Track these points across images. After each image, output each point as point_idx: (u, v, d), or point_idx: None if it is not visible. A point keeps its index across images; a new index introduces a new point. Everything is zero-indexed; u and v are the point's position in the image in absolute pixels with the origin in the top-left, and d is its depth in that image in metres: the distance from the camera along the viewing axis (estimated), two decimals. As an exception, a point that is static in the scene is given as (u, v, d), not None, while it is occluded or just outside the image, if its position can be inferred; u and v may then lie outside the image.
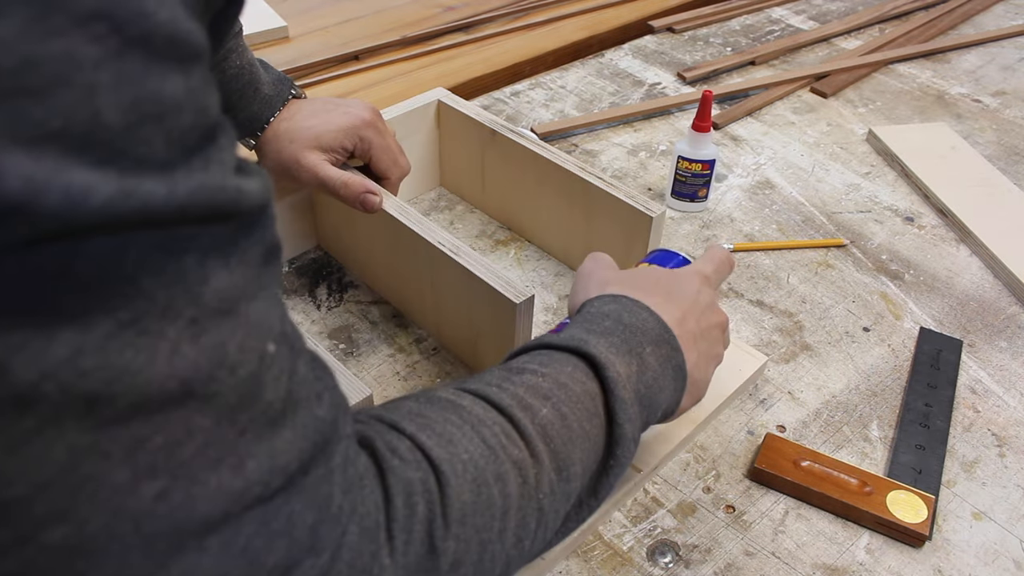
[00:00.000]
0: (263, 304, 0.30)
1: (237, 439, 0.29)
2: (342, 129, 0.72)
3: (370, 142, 0.73)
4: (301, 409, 0.32)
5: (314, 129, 0.71)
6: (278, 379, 0.30)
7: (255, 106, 0.72)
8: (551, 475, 0.41)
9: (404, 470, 0.36)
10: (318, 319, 0.76)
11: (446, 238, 0.67)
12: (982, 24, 1.29)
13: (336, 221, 0.79)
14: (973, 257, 0.85)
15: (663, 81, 1.14)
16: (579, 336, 0.47)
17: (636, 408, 0.46)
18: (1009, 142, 1.02)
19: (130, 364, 0.26)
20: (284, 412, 0.31)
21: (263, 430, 0.30)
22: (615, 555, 0.58)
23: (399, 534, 0.34)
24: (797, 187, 0.94)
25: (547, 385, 0.43)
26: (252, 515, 0.30)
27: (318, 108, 0.73)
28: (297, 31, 1.26)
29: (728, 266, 0.61)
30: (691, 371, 0.51)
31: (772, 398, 0.70)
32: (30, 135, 0.23)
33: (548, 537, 0.43)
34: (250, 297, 0.29)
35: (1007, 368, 0.73)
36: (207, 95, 0.28)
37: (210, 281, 0.27)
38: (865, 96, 1.11)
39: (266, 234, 0.31)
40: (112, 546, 0.27)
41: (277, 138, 0.72)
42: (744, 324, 0.77)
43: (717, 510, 0.61)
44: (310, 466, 0.32)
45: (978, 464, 0.65)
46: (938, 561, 0.59)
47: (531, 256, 0.83)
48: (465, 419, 0.39)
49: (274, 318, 0.31)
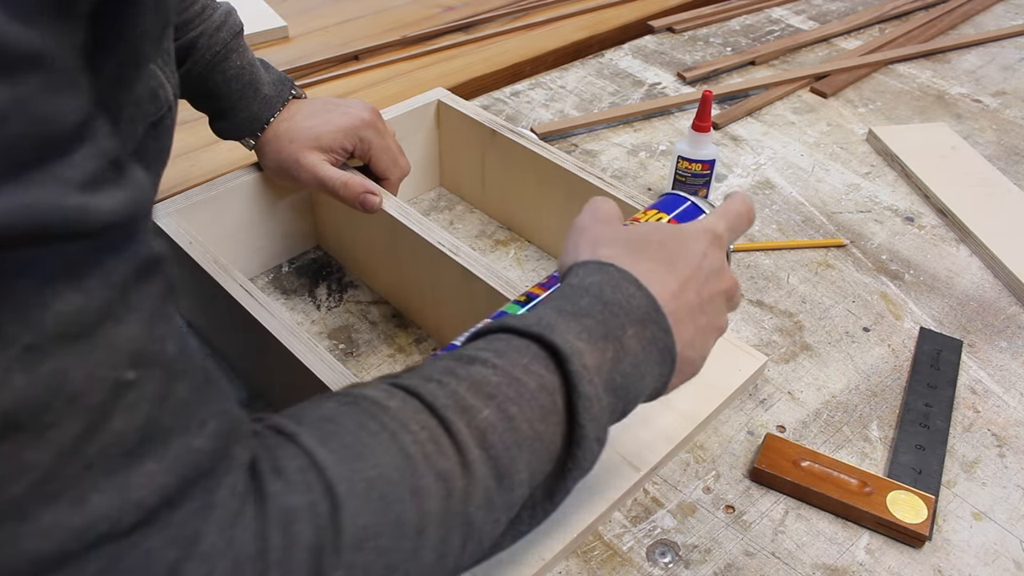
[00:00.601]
0: (131, 327, 0.28)
1: (82, 472, 0.27)
2: (342, 129, 0.71)
3: (370, 142, 0.73)
4: (174, 439, 0.30)
5: (314, 129, 0.71)
6: (134, 407, 0.28)
7: (255, 106, 0.72)
8: (487, 484, 0.38)
9: (287, 495, 0.33)
10: (318, 319, 0.76)
11: (446, 238, 0.67)
12: (982, 24, 1.29)
13: (336, 221, 0.79)
14: (973, 257, 0.85)
15: (663, 81, 1.14)
16: (547, 319, 0.43)
17: (606, 402, 0.42)
18: (1009, 142, 1.02)
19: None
20: (145, 442, 0.29)
21: (115, 463, 0.28)
22: (615, 555, 0.58)
23: (274, 568, 0.31)
24: (797, 187, 0.94)
25: (496, 380, 0.39)
26: (98, 553, 0.27)
27: (318, 108, 0.73)
28: (297, 31, 1.26)
29: (747, 220, 0.54)
30: (683, 350, 0.47)
31: (772, 398, 0.70)
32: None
33: (484, 548, 0.40)
34: (114, 319, 0.27)
35: (1007, 368, 0.73)
36: (49, 103, 0.25)
37: (53, 305, 0.26)
38: (865, 96, 1.11)
39: (140, 249, 0.29)
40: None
41: (277, 138, 0.72)
42: (744, 324, 0.76)
43: (717, 510, 0.61)
44: (179, 500, 0.29)
45: (978, 464, 0.65)
46: (938, 561, 0.59)
47: (531, 256, 0.83)
48: (385, 425, 0.36)
49: (144, 340, 0.29)
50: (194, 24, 0.68)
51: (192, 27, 0.68)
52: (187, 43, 0.68)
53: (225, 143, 1.02)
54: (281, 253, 0.82)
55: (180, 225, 0.69)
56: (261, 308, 0.61)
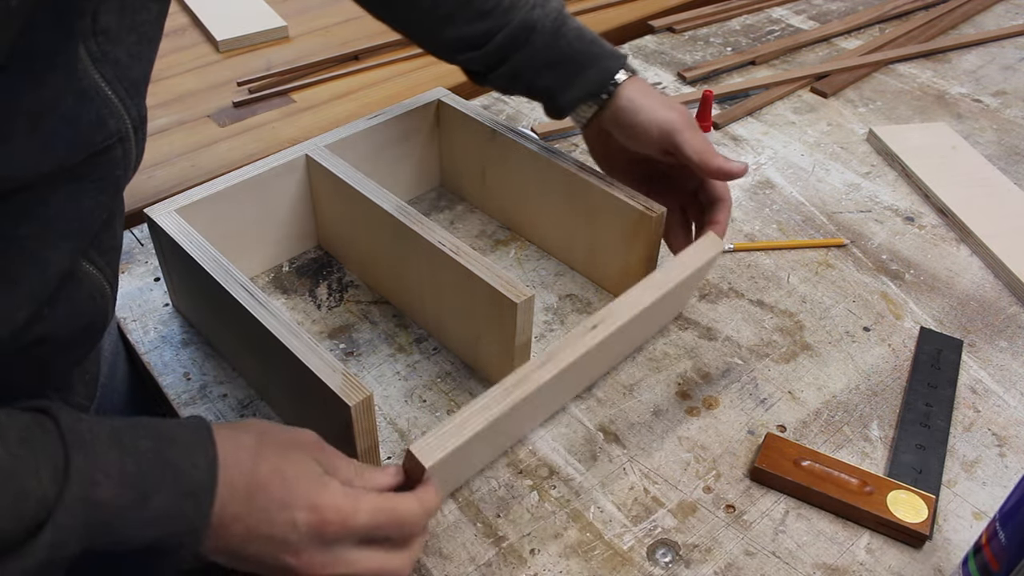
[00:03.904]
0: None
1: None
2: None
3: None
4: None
5: (667, 101, 0.70)
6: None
7: (604, 61, 0.70)
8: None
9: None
10: (318, 319, 0.76)
11: (446, 238, 0.67)
12: (982, 24, 1.29)
13: (336, 221, 0.79)
14: (973, 257, 0.85)
15: (663, 81, 1.13)
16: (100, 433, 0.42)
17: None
18: (1009, 142, 1.02)
19: None
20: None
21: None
22: (615, 555, 0.58)
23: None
24: (797, 187, 0.94)
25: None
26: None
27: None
28: (297, 31, 1.26)
29: (395, 525, 0.49)
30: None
31: (772, 398, 0.70)
32: None
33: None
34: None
35: (1007, 368, 0.73)
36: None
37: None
38: (865, 96, 1.11)
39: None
40: None
41: (647, 95, 0.70)
42: (744, 324, 0.77)
43: (717, 510, 0.61)
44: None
45: (978, 464, 0.65)
46: (938, 561, 0.59)
47: (531, 256, 0.83)
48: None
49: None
50: (520, 4, 0.68)
51: (520, 7, 0.68)
52: (524, 19, 0.68)
53: (225, 143, 1.02)
54: (281, 253, 0.82)
55: (180, 225, 0.69)
56: (261, 308, 0.61)
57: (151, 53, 0.47)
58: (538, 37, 0.69)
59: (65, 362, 0.53)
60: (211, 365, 0.72)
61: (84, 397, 0.59)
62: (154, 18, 0.45)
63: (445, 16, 0.69)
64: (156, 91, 1.12)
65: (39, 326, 0.45)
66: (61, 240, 0.43)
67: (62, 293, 0.46)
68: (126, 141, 0.45)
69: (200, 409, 0.68)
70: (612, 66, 0.70)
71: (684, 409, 0.69)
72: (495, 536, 0.59)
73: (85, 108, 0.41)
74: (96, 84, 0.41)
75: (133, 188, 0.95)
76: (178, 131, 1.05)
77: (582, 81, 0.70)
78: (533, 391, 0.56)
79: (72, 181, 0.43)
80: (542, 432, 0.67)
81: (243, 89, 1.13)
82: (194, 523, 0.43)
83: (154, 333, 0.75)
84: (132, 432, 0.43)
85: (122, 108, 0.44)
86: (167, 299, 0.78)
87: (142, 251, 0.83)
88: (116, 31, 0.42)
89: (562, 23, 0.69)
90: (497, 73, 0.71)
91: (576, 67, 0.69)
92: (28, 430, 0.40)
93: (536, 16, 0.69)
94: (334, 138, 0.79)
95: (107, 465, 0.41)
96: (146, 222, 0.71)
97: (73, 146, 0.41)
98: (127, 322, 0.76)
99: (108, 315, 0.53)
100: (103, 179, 0.44)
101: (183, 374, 0.71)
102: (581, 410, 0.68)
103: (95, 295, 0.50)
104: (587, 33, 0.71)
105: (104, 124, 0.43)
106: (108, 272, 0.51)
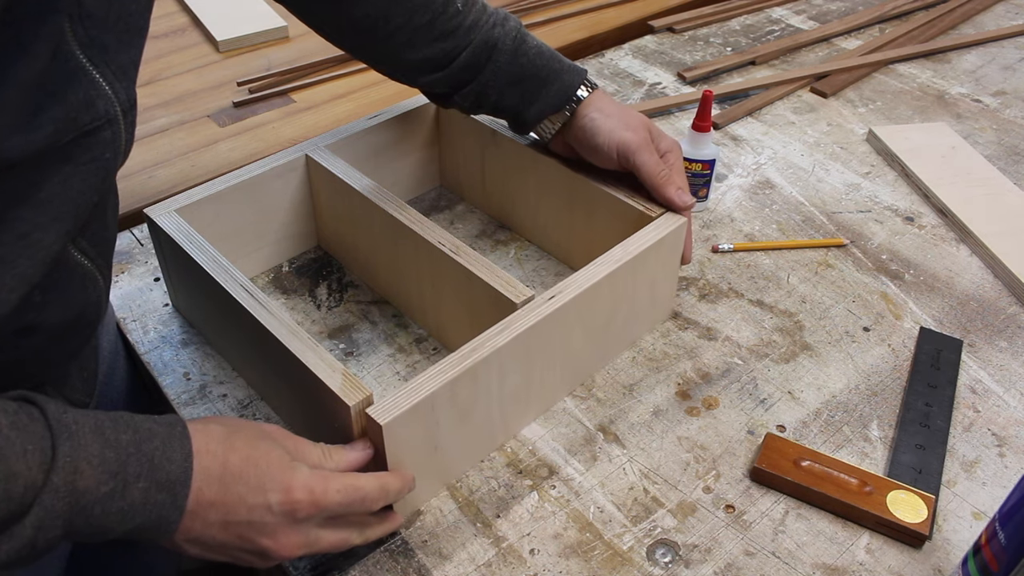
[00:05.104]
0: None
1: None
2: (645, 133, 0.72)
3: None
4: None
5: (626, 118, 0.72)
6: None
7: (565, 76, 0.71)
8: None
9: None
10: (318, 319, 0.76)
11: (446, 238, 0.68)
12: (982, 24, 1.29)
13: (336, 221, 0.80)
14: (973, 257, 0.85)
15: (663, 81, 1.14)
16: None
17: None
18: (1009, 142, 1.02)
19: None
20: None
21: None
22: (615, 555, 0.58)
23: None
24: (797, 187, 0.94)
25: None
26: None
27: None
28: (297, 31, 1.26)
29: (362, 503, 0.52)
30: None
31: (772, 398, 0.70)
32: None
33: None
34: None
35: (1007, 368, 0.73)
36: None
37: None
38: (865, 96, 1.11)
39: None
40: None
41: (604, 113, 0.72)
42: (744, 324, 0.77)
43: (717, 510, 0.61)
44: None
45: (978, 464, 0.65)
46: (938, 561, 0.59)
47: (531, 256, 0.83)
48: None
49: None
50: (481, 23, 0.70)
51: (480, 26, 0.70)
52: (485, 38, 0.70)
53: (225, 143, 1.02)
54: (281, 253, 0.82)
55: (180, 225, 0.69)
56: (261, 308, 0.61)
57: (139, 40, 0.48)
58: (500, 55, 0.70)
59: (60, 353, 0.53)
60: (211, 365, 0.72)
61: (83, 393, 0.60)
62: (141, 8, 0.47)
63: (407, 40, 0.69)
64: (156, 91, 1.12)
65: (31, 313, 0.46)
66: (53, 223, 0.44)
67: (53, 279, 0.47)
68: (115, 124, 0.46)
69: (200, 409, 0.68)
70: (573, 80, 0.72)
71: (684, 409, 0.69)
72: (495, 536, 0.59)
73: (72, 87, 0.42)
74: (83, 66, 0.42)
75: (133, 188, 0.95)
76: (178, 131, 1.05)
77: (545, 96, 0.72)
78: (491, 354, 0.58)
79: (63, 163, 0.43)
80: (542, 432, 0.67)
81: (243, 89, 1.13)
82: (169, 513, 0.45)
83: (154, 333, 0.75)
84: (114, 425, 0.45)
85: (110, 91, 0.45)
86: (167, 299, 0.78)
87: (142, 251, 0.83)
88: (103, 17, 0.43)
89: (522, 40, 0.71)
90: (462, 93, 0.73)
91: (538, 83, 0.71)
92: (17, 416, 0.42)
93: (497, 34, 0.70)
94: (334, 138, 0.79)
95: (90, 455, 0.43)
96: (146, 222, 0.71)
97: (62, 124, 0.42)
98: (127, 322, 0.76)
99: (101, 307, 0.53)
100: (93, 161, 0.45)
101: (183, 374, 0.71)
102: (581, 410, 0.68)
103: (87, 285, 0.50)
104: (546, 49, 0.72)
105: (92, 104, 0.44)
106: (100, 263, 0.51)
